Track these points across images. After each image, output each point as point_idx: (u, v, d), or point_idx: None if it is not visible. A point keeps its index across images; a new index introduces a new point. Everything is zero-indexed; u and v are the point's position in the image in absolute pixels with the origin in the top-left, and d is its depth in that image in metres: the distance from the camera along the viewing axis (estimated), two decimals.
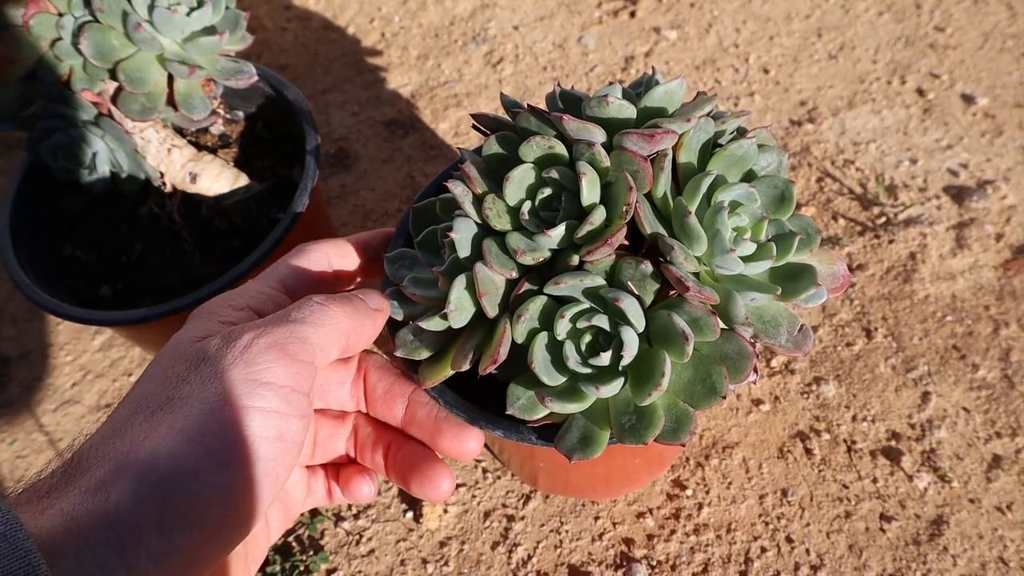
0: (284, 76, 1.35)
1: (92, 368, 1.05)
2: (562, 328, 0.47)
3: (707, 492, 0.85)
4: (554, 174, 0.48)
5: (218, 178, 0.82)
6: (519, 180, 0.49)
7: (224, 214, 0.83)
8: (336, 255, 0.56)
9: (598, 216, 0.47)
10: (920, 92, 1.20)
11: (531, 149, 0.49)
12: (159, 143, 0.80)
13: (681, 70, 1.27)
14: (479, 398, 0.54)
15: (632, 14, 1.37)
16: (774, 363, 0.94)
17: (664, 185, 0.48)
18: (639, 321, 0.46)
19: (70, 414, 1.02)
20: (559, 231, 0.48)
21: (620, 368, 0.47)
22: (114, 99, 0.76)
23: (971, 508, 0.82)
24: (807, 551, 0.81)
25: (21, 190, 0.85)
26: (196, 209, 0.83)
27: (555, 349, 0.48)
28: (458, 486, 0.89)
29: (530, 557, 0.83)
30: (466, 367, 0.50)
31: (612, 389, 0.46)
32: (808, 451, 0.87)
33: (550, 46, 1.34)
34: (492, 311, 0.48)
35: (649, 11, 1.37)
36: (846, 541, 0.81)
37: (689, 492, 0.86)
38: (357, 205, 1.17)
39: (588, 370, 0.48)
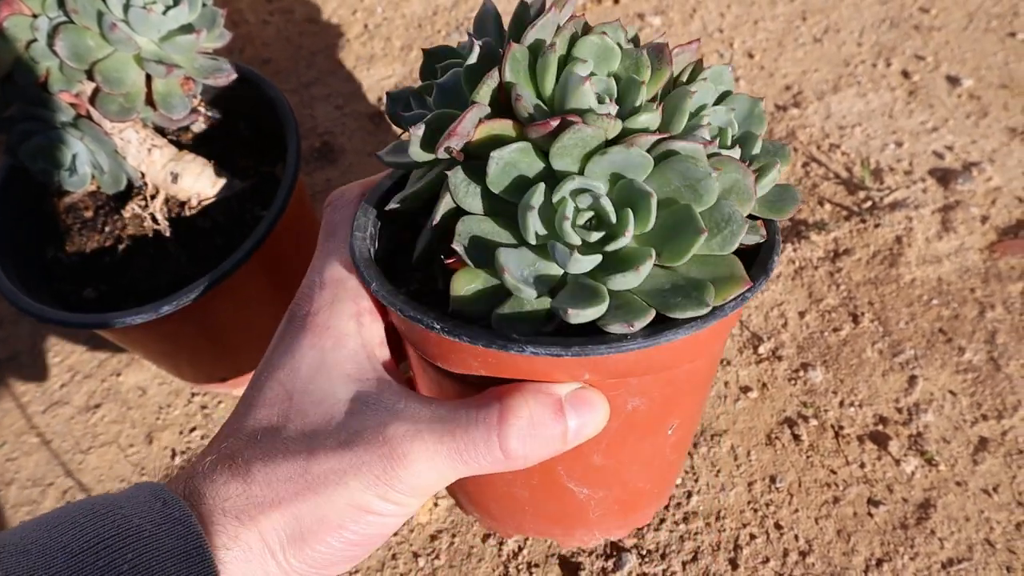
0: (267, 70, 1.34)
1: (80, 369, 1.05)
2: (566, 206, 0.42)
3: (696, 480, 0.86)
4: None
5: (200, 177, 0.81)
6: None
7: (206, 213, 0.83)
8: None
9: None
10: (905, 74, 1.19)
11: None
12: (139, 143, 0.80)
13: None
14: None
15: (616, 0, 1.36)
16: (761, 350, 0.94)
17: None
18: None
19: (59, 415, 1.01)
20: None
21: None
22: (92, 100, 0.75)
23: (958, 491, 0.82)
24: (796, 537, 0.81)
25: (3, 193, 0.84)
26: (178, 209, 0.83)
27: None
28: None
29: (521, 549, 0.83)
30: None
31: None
32: (796, 437, 0.88)
33: None
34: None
35: None
36: (834, 526, 0.82)
37: (678, 481, 0.86)
38: None
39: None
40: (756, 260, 0.48)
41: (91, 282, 0.83)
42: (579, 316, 0.40)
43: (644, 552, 0.82)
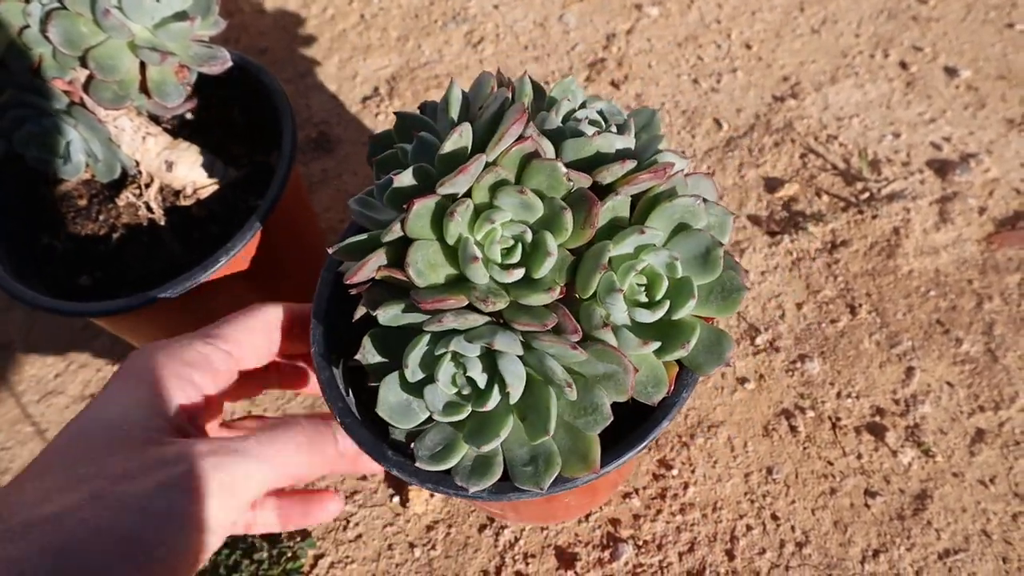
0: (263, 59, 1.33)
1: (75, 358, 1.05)
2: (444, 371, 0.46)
3: (692, 471, 0.86)
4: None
5: (194, 165, 0.81)
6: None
7: (201, 201, 0.82)
8: (282, 323, 0.60)
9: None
10: (903, 65, 1.19)
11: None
12: (133, 131, 0.79)
13: (663, 47, 1.26)
14: None
15: None
16: (759, 341, 0.94)
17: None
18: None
19: (54, 405, 1.01)
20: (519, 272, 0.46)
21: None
22: (86, 87, 0.74)
23: (955, 482, 0.82)
24: (792, 528, 0.81)
25: None
26: (173, 197, 0.83)
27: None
28: None
29: (517, 539, 0.83)
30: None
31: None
32: (793, 428, 0.87)
33: (531, 25, 1.33)
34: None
35: None
36: (831, 517, 0.81)
37: (675, 472, 0.86)
38: (340, 189, 1.16)
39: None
40: (639, 428, 0.50)
41: (85, 270, 0.83)
42: (429, 468, 0.47)
43: (640, 543, 0.82)
